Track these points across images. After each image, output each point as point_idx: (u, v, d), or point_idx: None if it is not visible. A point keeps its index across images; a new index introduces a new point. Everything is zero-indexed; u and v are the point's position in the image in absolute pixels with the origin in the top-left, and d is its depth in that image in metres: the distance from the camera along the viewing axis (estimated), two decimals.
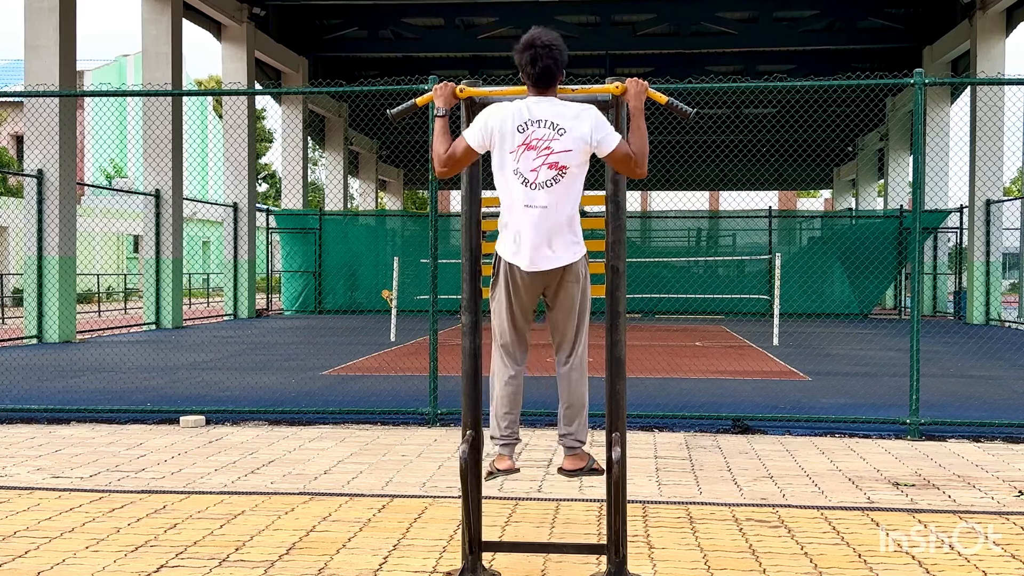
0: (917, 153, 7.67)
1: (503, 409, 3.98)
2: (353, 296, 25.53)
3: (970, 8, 21.07)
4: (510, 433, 3.98)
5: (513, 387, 3.99)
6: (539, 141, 3.77)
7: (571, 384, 3.99)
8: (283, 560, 4.29)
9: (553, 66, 3.82)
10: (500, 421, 3.97)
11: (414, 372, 10.70)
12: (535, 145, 3.77)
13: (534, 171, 3.78)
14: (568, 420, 4.01)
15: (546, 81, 3.83)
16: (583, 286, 3.93)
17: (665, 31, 26.62)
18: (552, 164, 3.77)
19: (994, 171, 20.35)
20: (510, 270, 3.89)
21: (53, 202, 15.36)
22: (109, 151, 45.58)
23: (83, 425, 7.80)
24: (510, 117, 3.82)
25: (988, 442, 7.22)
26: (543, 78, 3.82)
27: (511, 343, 4.00)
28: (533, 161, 3.78)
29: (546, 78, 3.82)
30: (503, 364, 4.01)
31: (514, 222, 3.84)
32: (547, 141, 3.77)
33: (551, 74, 3.83)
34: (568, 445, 4.03)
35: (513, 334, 3.99)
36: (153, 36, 19.49)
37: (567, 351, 4.00)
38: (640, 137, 3.85)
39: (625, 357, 4.04)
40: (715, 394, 9.25)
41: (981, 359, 12.83)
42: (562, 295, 3.92)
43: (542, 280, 3.88)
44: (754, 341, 15.72)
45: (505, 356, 4.01)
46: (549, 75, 3.82)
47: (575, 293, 3.91)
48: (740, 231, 25.68)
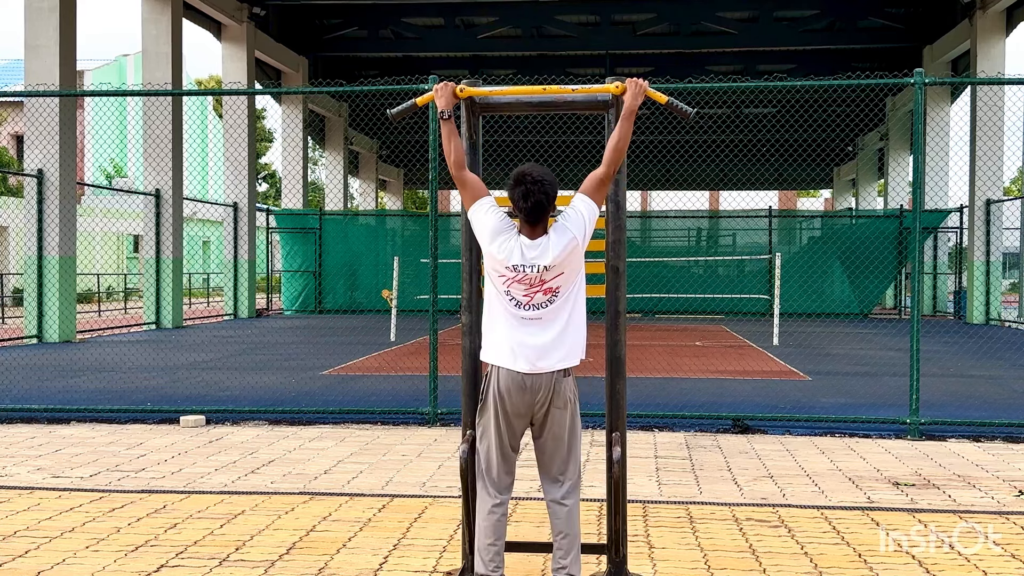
0: (917, 153, 7.67)
1: (487, 540, 3.79)
2: (353, 296, 25.52)
3: (970, 8, 21.06)
4: (495, 567, 3.78)
5: (497, 515, 3.81)
6: (530, 278, 3.75)
7: (567, 515, 3.82)
8: (283, 560, 4.29)
9: (545, 200, 3.78)
10: (484, 554, 3.78)
11: (414, 372, 10.70)
12: (525, 281, 3.75)
13: (527, 296, 3.76)
14: (563, 551, 3.80)
15: (537, 216, 3.79)
16: (572, 411, 3.81)
17: (665, 31, 26.61)
18: (547, 291, 3.76)
19: (994, 171, 20.35)
20: (498, 395, 3.76)
21: (53, 202, 15.36)
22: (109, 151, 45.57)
23: (83, 425, 7.81)
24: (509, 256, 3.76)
25: (988, 442, 7.22)
26: (534, 212, 3.78)
27: (497, 474, 3.84)
28: (526, 290, 3.76)
29: (537, 212, 3.79)
30: (486, 493, 3.84)
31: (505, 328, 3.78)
32: (539, 276, 3.75)
33: (543, 208, 3.79)
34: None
35: (500, 464, 3.83)
36: (153, 36, 19.49)
37: (558, 476, 3.84)
38: (621, 139, 3.84)
39: (625, 357, 4.04)
40: (715, 394, 9.25)
41: (981, 359, 12.82)
42: (550, 421, 3.78)
43: (532, 394, 3.73)
44: (754, 341, 15.72)
45: (489, 484, 3.84)
46: (540, 209, 3.79)
47: (564, 419, 3.79)
48: (740, 231, 25.67)
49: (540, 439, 3.83)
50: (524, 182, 3.80)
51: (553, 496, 3.83)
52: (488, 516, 3.79)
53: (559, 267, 3.75)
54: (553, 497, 3.83)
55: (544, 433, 3.81)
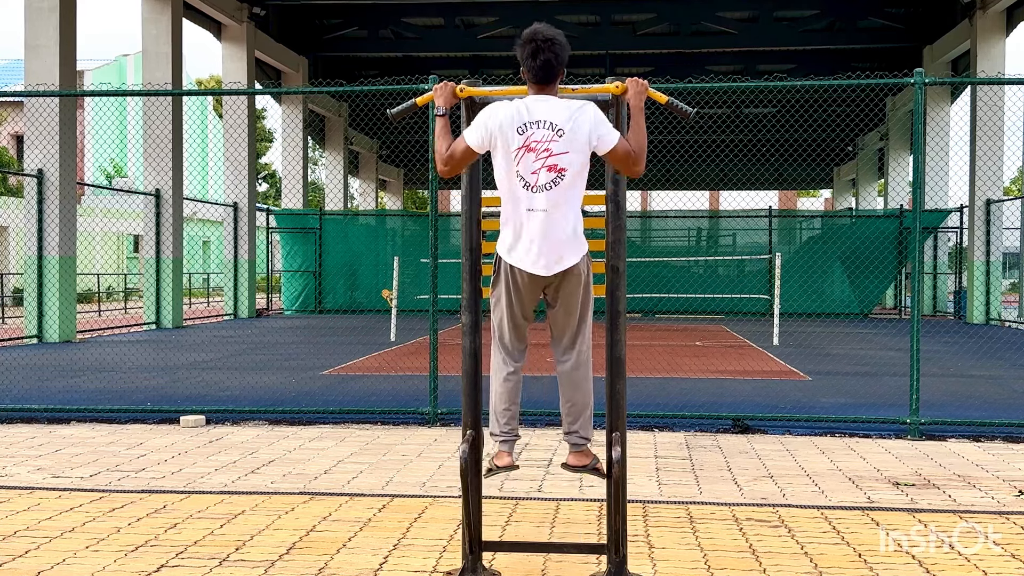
0: (917, 153, 7.67)
1: (502, 405, 3.98)
2: (353, 296, 25.52)
3: (970, 8, 21.06)
4: (510, 429, 3.98)
5: (512, 383, 4.00)
6: (538, 143, 3.75)
7: (573, 381, 3.98)
8: (283, 560, 4.29)
9: (554, 60, 3.80)
10: (499, 417, 3.98)
11: (414, 372, 10.70)
12: (534, 147, 3.76)
13: (534, 173, 3.77)
14: (572, 417, 4.00)
15: (547, 75, 3.81)
16: (585, 283, 3.91)
17: (665, 31, 26.61)
18: (551, 167, 3.76)
19: (994, 171, 20.35)
20: (511, 270, 3.89)
21: (53, 202, 15.36)
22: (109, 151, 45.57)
23: (83, 425, 7.80)
24: (509, 118, 3.80)
25: (988, 442, 7.22)
26: (544, 71, 3.80)
27: (510, 341, 4.01)
28: (532, 163, 3.77)
29: (547, 71, 3.80)
30: (502, 361, 4.02)
31: (515, 224, 3.84)
32: (546, 143, 3.75)
33: (552, 68, 3.80)
34: (573, 442, 4.03)
35: (513, 332, 4.00)
36: (153, 36, 19.49)
37: (567, 348, 4.00)
38: (639, 135, 3.86)
39: (625, 357, 4.04)
40: (715, 394, 9.25)
41: (981, 359, 12.82)
42: (563, 293, 3.91)
43: (543, 279, 3.88)
44: (754, 341, 15.72)
45: (504, 353, 4.01)
46: (550, 68, 3.80)
47: (576, 291, 3.91)
48: (740, 231, 25.67)
49: (553, 309, 3.96)
50: (535, 39, 3.80)
51: (563, 367, 4.00)
52: (504, 383, 3.98)
53: (567, 139, 3.73)
54: (563, 367, 3.99)
55: (556, 304, 3.93)
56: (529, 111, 3.80)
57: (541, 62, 3.79)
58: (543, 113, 3.78)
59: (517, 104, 3.84)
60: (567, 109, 3.80)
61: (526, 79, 3.92)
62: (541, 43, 3.79)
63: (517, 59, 3.90)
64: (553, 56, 3.80)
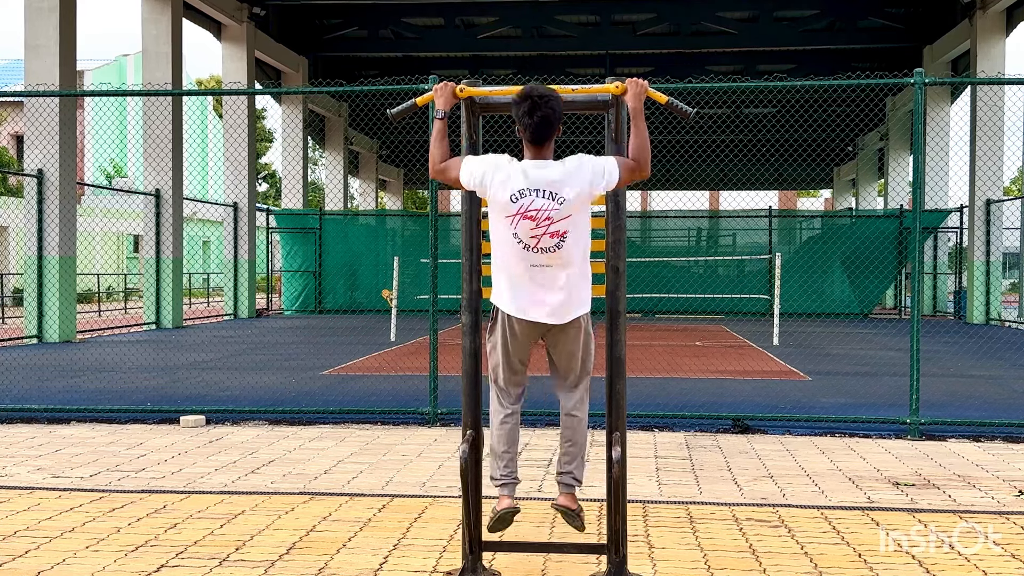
0: (917, 153, 7.67)
1: (501, 447, 3.95)
2: (353, 296, 25.52)
3: (970, 8, 21.07)
4: (508, 472, 3.93)
5: (510, 425, 3.96)
6: (537, 212, 3.69)
7: (573, 427, 3.99)
8: (283, 560, 4.29)
9: (551, 116, 3.74)
10: (498, 460, 3.94)
11: (414, 372, 10.70)
12: (532, 216, 3.70)
13: (534, 238, 3.73)
14: (570, 457, 3.99)
15: (544, 133, 3.75)
16: (585, 329, 3.88)
17: (665, 31, 26.62)
18: (553, 233, 3.72)
19: (994, 171, 20.36)
20: (508, 319, 3.84)
21: (53, 202, 15.36)
22: (109, 151, 45.56)
23: (83, 425, 7.81)
24: (503, 183, 3.74)
25: (988, 442, 7.22)
26: (541, 128, 3.74)
27: (507, 385, 3.97)
28: (533, 230, 3.72)
29: (544, 129, 3.74)
30: (499, 403, 3.98)
31: (512, 275, 3.79)
32: (546, 212, 3.69)
33: (549, 124, 3.75)
34: (567, 483, 3.98)
35: (509, 375, 3.96)
36: (153, 36, 19.49)
37: (570, 389, 3.98)
38: (641, 138, 3.82)
39: (625, 357, 4.04)
40: (715, 394, 9.25)
41: (981, 359, 12.82)
42: (563, 340, 3.88)
43: (541, 326, 3.83)
44: (754, 341, 15.72)
45: (501, 395, 3.99)
46: (547, 125, 3.74)
47: (576, 338, 3.88)
48: (740, 231, 25.67)
49: (554, 353, 3.96)
50: (531, 96, 3.76)
51: (565, 408, 4.01)
52: (501, 426, 3.96)
53: (567, 206, 3.69)
54: (565, 409, 4.01)
55: (557, 349, 3.93)
56: (527, 176, 3.72)
57: (539, 118, 3.73)
58: (542, 181, 3.71)
59: (514, 168, 3.77)
60: (565, 174, 3.73)
61: (522, 138, 3.84)
62: (537, 99, 3.75)
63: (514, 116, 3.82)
64: (551, 112, 3.74)
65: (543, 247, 3.73)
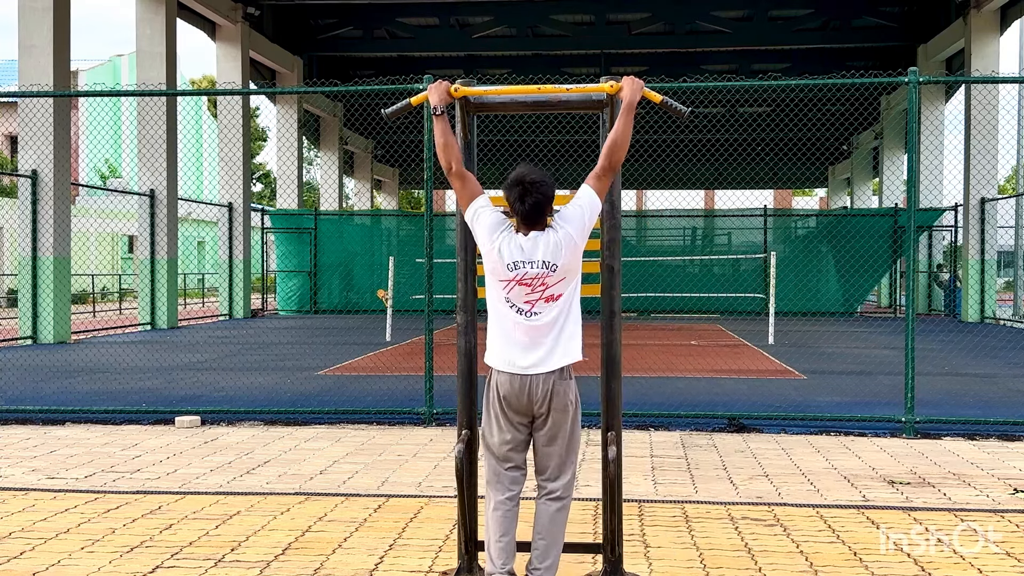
0: (912, 151, 7.68)
1: (496, 533, 3.74)
2: (348, 296, 25.50)
3: (964, 7, 21.10)
4: (503, 564, 3.70)
5: (503, 511, 3.76)
6: (532, 280, 3.71)
7: (547, 517, 3.75)
8: (279, 560, 4.28)
9: (543, 201, 3.74)
10: (493, 551, 3.72)
11: (410, 372, 10.69)
12: (527, 283, 3.71)
13: (528, 303, 3.72)
14: (541, 555, 3.72)
15: (535, 217, 3.76)
16: (573, 417, 3.77)
17: (660, 30, 26.63)
18: (548, 297, 3.72)
19: (988, 169, 20.39)
20: (499, 390, 3.75)
21: (47, 202, 15.33)
22: (104, 151, 45.47)
23: (78, 426, 7.79)
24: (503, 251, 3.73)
25: (983, 440, 7.24)
26: (532, 214, 3.74)
27: (503, 471, 3.81)
28: (527, 295, 3.72)
29: (535, 214, 3.75)
30: (494, 489, 3.81)
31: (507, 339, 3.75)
32: (541, 279, 3.71)
33: (541, 210, 3.75)
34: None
35: (502, 461, 3.80)
36: (147, 36, 19.45)
37: (550, 479, 3.79)
38: (622, 134, 3.79)
39: (620, 356, 4.04)
40: (711, 393, 9.26)
41: (976, 357, 12.85)
42: (549, 423, 3.75)
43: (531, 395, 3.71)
44: (750, 340, 15.73)
45: (496, 482, 3.81)
46: (539, 210, 3.75)
47: (563, 423, 3.75)
48: (735, 230, 25.69)
49: (538, 436, 3.79)
50: (522, 182, 3.77)
51: (540, 496, 3.79)
52: (493, 512, 3.76)
53: (561, 269, 3.71)
54: (540, 497, 3.79)
55: (542, 432, 3.77)
56: (523, 250, 3.73)
57: (530, 206, 3.74)
58: (536, 253, 3.72)
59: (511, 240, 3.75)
60: (556, 242, 3.73)
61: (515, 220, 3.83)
62: (528, 186, 3.73)
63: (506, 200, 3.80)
64: (542, 197, 3.74)
65: (537, 311, 3.74)
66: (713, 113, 33.85)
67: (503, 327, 3.77)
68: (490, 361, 3.80)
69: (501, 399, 3.75)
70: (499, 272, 3.75)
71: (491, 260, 3.77)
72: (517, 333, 3.74)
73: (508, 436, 3.78)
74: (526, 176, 3.78)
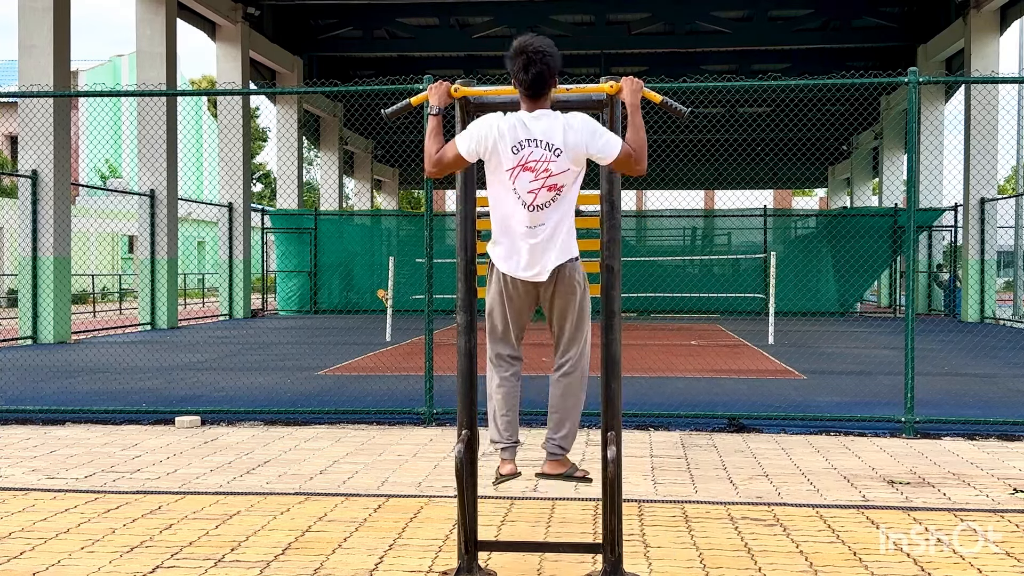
0: (911, 151, 7.68)
1: (500, 411, 3.94)
2: (348, 296, 25.51)
3: (964, 7, 21.11)
4: (509, 436, 3.93)
5: (507, 387, 3.95)
6: (536, 163, 3.70)
7: (561, 389, 3.94)
8: (279, 560, 4.28)
9: (546, 72, 3.72)
10: (498, 424, 3.93)
11: (410, 372, 10.69)
12: (532, 167, 3.71)
13: (532, 193, 3.73)
14: (555, 426, 3.95)
15: (539, 88, 3.74)
16: (580, 296, 3.88)
17: (659, 30, 26.63)
18: (551, 186, 3.73)
19: (988, 169, 20.39)
20: (504, 279, 3.86)
21: (48, 202, 15.33)
22: (104, 151, 45.47)
23: (78, 426, 7.79)
24: (504, 135, 3.74)
25: (983, 440, 7.24)
26: (536, 84, 3.73)
27: (504, 346, 3.97)
28: (531, 183, 3.73)
29: (539, 84, 3.73)
30: (497, 366, 3.98)
31: (512, 238, 3.81)
32: (544, 163, 3.70)
33: (544, 80, 3.73)
34: (551, 450, 3.98)
35: (507, 337, 3.97)
36: (147, 36, 19.45)
37: (562, 353, 3.97)
38: (638, 133, 3.81)
39: (620, 356, 4.04)
40: (711, 393, 9.26)
41: (976, 357, 12.85)
42: (559, 302, 3.88)
43: (537, 286, 3.86)
44: (749, 340, 15.73)
45: (498, 359, 3.98)
46: (542, 81, 3.73)
47: (571, 303, 3.87)
48: (735, 230, 25.69)
49: (550, 316, 3.95)
50: (525, 51, 3.72)
51: (555, 371, 3.98)
52: (499, 389, 3.94)
53: (566, 156, 3.69)
54: (554, 372, 3.98)
55: (552, 312, 3.92)
56: (526, 127, 3.73)
57: (533, 75, 3.72)
58: (540, 131, 3.72)
59: (512, 120, 3.76)
60: (563, 125, 3.73)
61: (518, 90, 3.85)
62: (532, 55, 3.71)
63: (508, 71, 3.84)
64: (545, 68, 3.72)
65: (540, 203, 3.74)
66: (713, 113, 33.85)
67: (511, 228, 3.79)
68: (495, 259, 3.86)
69: (505, 292, 3.87)
70: (507, 158, 3.73)
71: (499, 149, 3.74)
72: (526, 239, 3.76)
73: (511, 319, 3.92)
74: (529, 44, 3.74)
